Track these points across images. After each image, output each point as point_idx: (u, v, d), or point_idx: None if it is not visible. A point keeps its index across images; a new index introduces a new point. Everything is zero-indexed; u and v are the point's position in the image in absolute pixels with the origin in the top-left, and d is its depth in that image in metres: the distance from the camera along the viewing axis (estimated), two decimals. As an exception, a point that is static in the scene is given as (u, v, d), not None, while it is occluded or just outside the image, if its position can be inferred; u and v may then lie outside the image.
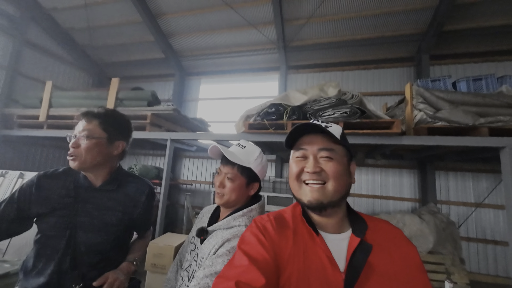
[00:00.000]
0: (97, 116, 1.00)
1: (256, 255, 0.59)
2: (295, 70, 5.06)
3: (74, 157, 0.95)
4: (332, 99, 2.58)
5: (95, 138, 0.97)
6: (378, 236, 0.64)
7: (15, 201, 0.95)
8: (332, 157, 0.64)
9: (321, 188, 0.62)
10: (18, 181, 3.06)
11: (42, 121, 3.79)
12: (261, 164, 0.94)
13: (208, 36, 4.91)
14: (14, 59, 4.40)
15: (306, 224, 0.65)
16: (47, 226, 0.94)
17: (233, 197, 0.89)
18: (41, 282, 0.91)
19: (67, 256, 0.94)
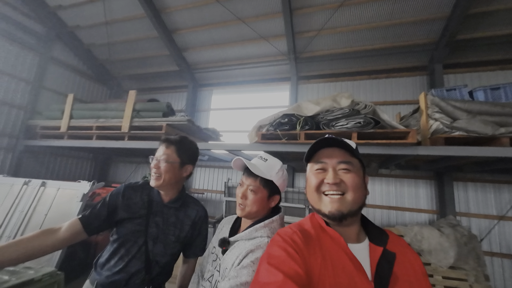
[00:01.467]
0: (173, 142, 1.19)
1: (288, 270, 0.56)
2: (306, 80, 5.12)
3: (157, 176, 1.14)
4: (345, 109, 2.59)
5: (172, 162, 1.15)
6: (394, 245, 0.67)
7: (107, 205, 1.13)
8: (350, 169, 0.68)
9: (341, 199, 0.65)
10: (40, 189, 3.19)
11: (63, 131, 3.98)
12: (282, 177, 0.97)
13: (221, 49, 5.07)
14: (39, 74, 4.69)
15: (330, 234, 0.66)
16: (125, 230, 1.11)
17: (255, 209, 0.92)
18: (110, 276, 1.06)
19: (138, 259, 1.09)
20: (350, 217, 0.65)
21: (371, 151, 2.63)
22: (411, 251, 0.69)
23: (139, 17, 4.65)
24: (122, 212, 1.13)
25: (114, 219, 1.13)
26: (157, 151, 1.20)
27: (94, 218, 1.09)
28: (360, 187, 0.67)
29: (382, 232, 0.69)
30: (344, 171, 0.67)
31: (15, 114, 4.38)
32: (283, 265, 0.57)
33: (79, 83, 5.54)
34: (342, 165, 0.68)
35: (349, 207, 0.64)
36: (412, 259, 0.67)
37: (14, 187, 3.29)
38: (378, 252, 0.63)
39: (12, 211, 3.10)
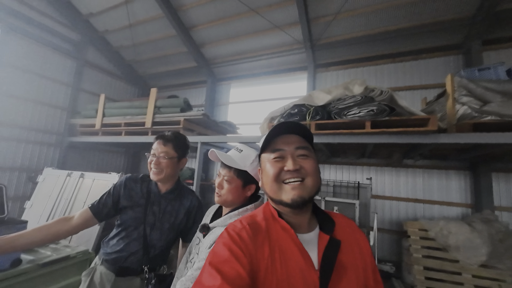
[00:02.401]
0: (170, 140, 1.30)
1: (229, 272, 0.54)
2: (324, 68, 4.92)
3: (158, 171, 1.25)
4: (358, 97, 2.47)
5: (171, 158, 1.28)
6: (342, 231, 0.68)
7: (111, 194, 1.29)
8: (308, 155, 0.67)
9: (301, 185, 0.64)
10: (80, 180, 3.63)
11: (97, 129, 4.42)
12: (257, 167, 0.96)
13: (236, 42, 5.10)
14: (77, 77, 5.23)
15: (282, 226, 0.65)
16: (127, 216, 1.28)
17: (230, 198, 0.97)
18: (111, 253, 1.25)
19: (137, 241, 1.25)
20: (309, 203, 0.66)
21: (386, 141, 2.48)
22: (360, 232, 0.71)
23: (159, 17, 4.87)
24: (124, 201, 1.28)
25: (118, 207, 1.29)
26: (154, 147, 1.30)
27: (102, 206, 1.25)
28: (317, 171, 0.67)
29: (330, 219, 0.69)
30: (302, 157, 0.67)
31: (60, 114, 4.97)
32: (224, 266, 0.55)
33: (110, 84, 6.05)
34: (300, 150, 0.67)
35: (309, 193, 0.64)
36: (360, 241, 0.68)
37: (60, 178, 3.79)
38: (325, 240, 0.63)
39: (59, 198, 3.59)
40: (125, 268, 1.23)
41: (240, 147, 1.03)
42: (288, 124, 0.69)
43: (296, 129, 0.69)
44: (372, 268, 0.65)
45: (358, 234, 0.71)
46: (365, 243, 0.69)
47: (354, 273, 0.61)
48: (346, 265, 0.61)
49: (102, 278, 1.23)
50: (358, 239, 0.69)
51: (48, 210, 3.52)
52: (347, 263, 0.61)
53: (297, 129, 0.69)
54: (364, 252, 0.67)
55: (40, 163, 4.61)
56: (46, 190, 3.74)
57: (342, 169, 4.35)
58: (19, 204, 4.13)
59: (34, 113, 4.57)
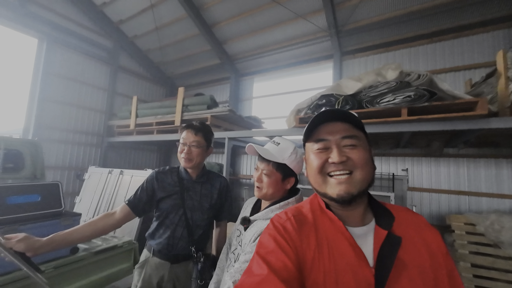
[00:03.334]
0: (200, 130, 1.37)
1: (275, 262, 0.54)
2: (351, 55, 4.67)
3: (189, 159, 1.34)
4: (392, 82, 2.31)
5: (201, 147, 1.35)
6: (404, 227, 0.60)
7: (145, 189, 1.36)
8: (357, 144, 0.60)
9: (349, 179, 0.58)
10: (120, 177, 3.94)
11: (132, 129, 4.73)
12: (296, 160, 0.98)
13: (258, 35, 5.05)
14: (112, 81, 5.62)
15: (329, 218, 0.62)
16: (166, 205, 1.35)
17: (270, 191, 0.97)
18: (161, 242, 1.33)
19: (180, 226, 1.34)
20: (359, 197, 0.59)
21: (426, 128, 2.30)
22: (430, 229, 0.62)
23: (182, 18, 5.01)
24: (160, 192, 1.35)
25: (154, 199, 1.36)
26: (185, 137, 1.36)
27: (137, 202, 1.32)
28: (369, 162, 0.60)
29: (388, 213, 0.62)
30: (349, 147, 0.60)
31: (99, 117, 5.41)
32: (270, 256, 0.56)
33: (141, 86, 6.42)
34: (346, 140, 0.60)
35: (358, 187, 0.58)
36: (429, 239, 0.60)
37: (102, 175, 4.15)
38: (382, 236, 0.57)
39: (103, 193, 3.94)
40: (178, 256, 1.32)
41: (277, 140, 1.02)
42: (333, 112, 0.62)
43: (342, 116, 0.63)
44: (448, 272, 0.56)
45: (428, 232, 0.61)
46: (438, 242, 0.60)
47: (419, 275, 0.54)
48: (408, 264, 0.54)
49: (158, 268, 1.32)
50: (426, 237, 0.60)
51: (94, 204, 3.89)
52: (410, 262, 0.55)
53: (344, 116, 0.63)
54: (436, 253, 0.58)
55: (85, 162, 5.08)
56: (91, 187, 4.12)
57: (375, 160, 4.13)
58: (70, 199, 4.61)
59: (77, 116, 5.03)
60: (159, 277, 1.31)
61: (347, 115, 0.62)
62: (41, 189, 2.05)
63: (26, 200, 1.90)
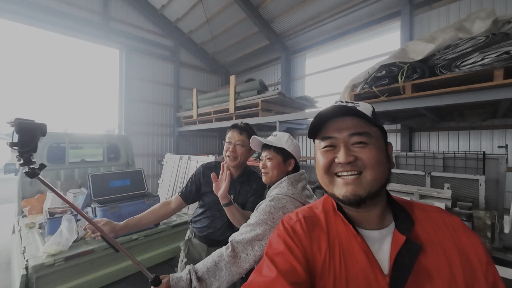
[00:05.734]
0: (245, 130, 1.43)
1: (284, 265, 0.53)
2: (426, 6, 3.77)
3: (234, 158, 1.40)
4: (480, 37, 1.79)
5: (245, 146, 1.40)
6: (429, 231, 0.54)
7: (194, 182, 1.51)
8: (367, 142, 0.54)
9: (357, 179, 0.53)
10: (188, 162, 4.53)
11: (194, 119, 5.28)
12: (292, 144, 1.13)
13: (307, 6, 4.63)
14: (176, 77, 6.31)
15: (342, 220, 0.58)
16: (208, 199, 1.47)
17: (275, 173, 1.10)
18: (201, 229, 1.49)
19: (220, 219, 1.45)
20: (370, 199, 0.53)
21: (536, 93, 1.72)
22: (467, 233, 0.54)
23: (229, 4, 5.05)
24: (205, 187, 1.48)
25: (200, 192, 1.51)
26: (230, 136, 1.42)
27: (188, 193, 1.48)
28: (382, 161, 0.54)
29: (408, 216, 0.56)
30: (359, 146, 0.54)
31: (169, 110, 6.25)
32: (279, 258, 0.55)
33: (200, 77, 6.98)
34: (355, 137, 0.55)
35: (368, 189, 0.53)
36: (464, 245, 0.52)
37: (175, 161, 4.86)
38: (400, 241, 0.51)
39: (177, 176, 4.64)
40: (214, 241, 1.48)
41: (275, 133, 1.20)
42: (339, 107, 0.56)
43: (351, 111, 0.56)
44: (489, 284, 0.49)
45: (464, 237, 0.54)
46: (476, 249, 0.52)
47: (446, 286, 0.48)
48: (431, 273, 0.49)
49: (198, 248, 1.51)
50: (461, 243, 0.53)
51: (172, 185, 4.64)
52: (434, 271, 0.49)
53: (353, 111, 0.56)
54: (472, 261, 0.51)
55: (163, 150, 6.05)
56: (169, 170, 4.90)
57: (458, 136, 3.40)
58: (155, 180, 5.63)
59: (153, 111, 5.94)
60: (198, 255, 1.49)
61: (356, 111, 0.55)
62: (130, 175, 2.60)
63: (121, 183, 2.46)
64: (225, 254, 0.87)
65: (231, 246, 0.88)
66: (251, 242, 0.87)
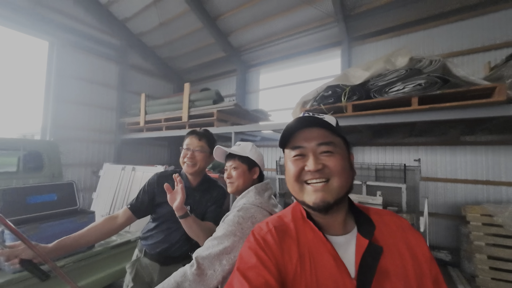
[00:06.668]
0: (204, 135, 1.37)
1: (256, 278, 0.53)
2: (360, 41, 4.46)
3: (192, 164, 1.32)
4: (401, 70, 2.20)
5: (205, 152, 1.34)
6: (386, 234, 0.59)
7: (146, 192, 1.36)
8: (333, 151, 0.59)
9: (325, 186, 0.57)
10: (132, 173, 4.07)
11: (142, 126, 4.85)
12: (256, 153, 1.15)
13: (263, 25, 4.92)
14: (121, 79, 5.73)
15: (310, 228, 0.61)
16: (164, 211, 1.33)
17: (241, 182, 1.08)
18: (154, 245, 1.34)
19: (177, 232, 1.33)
20: (336, 205, 0.58)
21: (438, 117, 2.19)
22: (414, 234, 0.61)
23: (185, 12, 4.95)
24: (160, 197, 1.33)
25: (154, 203, 1.36)
26: (188, 142, 1.35)
27: (139, 205, 1.32)
28: (346, 169, 0.59)
29: (369, 220, 0.61)
30: (326, 154, 0.59)
31: (110, 115, 5.57)
32: (250, 272, 0.55)
33: (150, 82, 6.51)
34: (322, 147, 0.59)
35: (335, 195, 0.57)
36: (412, 244, 0.58)
37: (116, 172, 4.31)
38: (363, 245, 0.56)
39: (118, 189, 4.10)
40: (169, 258, 1.34)
41: (238, 143, 1.21)
42: (307, 119, 0.61)
43: (318, 122, 0.61)
44: (432, 278, 0.55)
45: (412, 236, 0.60)
46: (421, 247, 0.58)
47: (402, 283, 0.53)
48: (390, 273, 0.54)
49: (148, 268, 1.33)
50: (410, 242, 0.59)
51: (110, 200, 4.07)
52: (392, 272, 0.54)
53: (319, 122, 0.61)
54: (419, 259, 0.57)
55: (100, 159, 5.29)
56: (107, 183, 4.30)
57: (386, 151, 4.02)
58: (88, 194, 4.85)
59: (90, 115, 5.20)
60: (149, 277, 1.33)
61: (323, 122, 0.60)
62: (57, 188, 2.16)
63: (43, 199, 2.02)
64: (189, 272, 0.79)
65: (196, 263, 0.80)
66: (219, 256, 0.81)
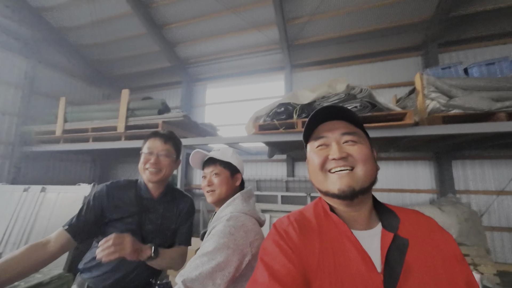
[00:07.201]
0: (170, 138, 1.19)
1: (278, 268, 0.53)
2: (300, 68, 5.06)
3: (156, 171, 1.11)
4: (341, 94, 2.58)
5: (171, 157, 1.16)
6: (412, 229, 0.58)
7: (92, 208, 1.07)
8: (357, 140, 0.60)
9: (350, 173, 0.57)
10: (41, 195, 3.18)
11: (58, 136, 3.94)
12: (237, 159, 1.08)
13: (212, 41, 4.98)
14: (29, 78, 4.60)
15: (334, 221, 0.60)
16: (116, 230, 1.00)
17: (224, 189, 0.99)
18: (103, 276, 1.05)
19: None
20: (361, 194, 0.57)
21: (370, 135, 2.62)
22: (443, 232, 0.59)
23: (127, 14, 4.53)
24: (111, 213, 1.08)
25: (102, 221, 1.08)
26: (150, 145, 1.15)
27: (82, 225, 1.03)
28: (370, 159, 0.59)
29: (393, 215, 0.61)
30: (350, 143, 0.59)
31: (8, 121, 4.32)
32: (273, 262, 0.54)
33: (71, 86, 5.46)
34: (346, 136, 0.60)
35: (360, 183, 0.56)
36: (441, 242, 0.57)
37: (14, 195, 3.28)
38: (389, 238, 0.55)
39: (15, 218, 3.10)
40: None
41: (217, 148, 1.14)
42: (330, 110, 0.62)
43: (340, 114, 0.62)
44: (465, 280, 0.52)
45: (441, 236, 0.58)
46: (452, 247, 0.57)
47: (432, 279, 0.51)
48: (419, 268, 0.52)
49: None
50: (439, 241, 0.57)
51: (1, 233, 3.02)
52: (421, 266, 0.52)
53: (342, 114, 0.62)
54: (450, 258, 0.54)
55: (-14, 179, 3.94)
56: (-3, 210, 3.20)
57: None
58: (-40, 229, 3.46)
59: (-25, 120, 3.90)
60: None
61: (344, 111, 0.62)
62: None
63: None
64: None
65: None
66: (211, 275, 0.69)
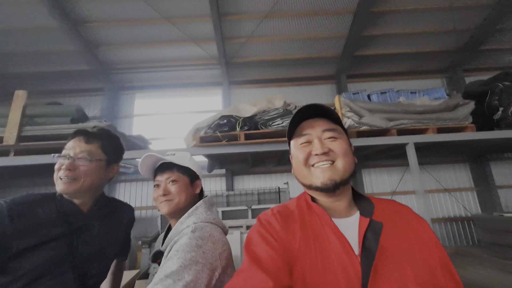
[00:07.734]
0: (97, 137, 0.97)
1: (261, 255, 0.56)
2: (238, 85, 5.26)
3: (70, 180, 0.87)
4: (280, 109, 2.80)
5: (96, 160, 0.93)
6: (387, 214, 0.63)
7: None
8: (337, 136, 0.66)
9: (331, 167, 0.62)
10: None
11: None
12: (196, 164, 1.02)
13: (144, 48, 4.60)
14: None
15: (315, 211, 0.64)
16: (36, 261, 0.79)
17: (183, 198, 0.90)
18: None
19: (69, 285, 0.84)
20: (342, 185, 0.62)
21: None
22: (418, 218, 0.65)
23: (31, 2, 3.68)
24: (20, 239, 0.80)
25: (5, 253, 0.78)
26: (68, 147, 0.93)
27: None
28: (349, 153, 0.65)
29: (369, 202, 0.67)
30: (330, 139, 0.65)
31: None
32: (257, 250, 0.58)
33: None
34: (327, 133, 0.66)
35: (341, 175, 0.62)
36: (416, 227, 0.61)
37: None
38: (365, 223, 0.59)
39: None
40: None
41: (171, 152, 1.02)
42: (311, 107, 0.68)
43: (321, 113, 0.69)
44: (441, 263, 0.55)
45: (416, 221, 0.63)
46: (427, 232, 0.61)
47: (407, 261, 0.54)
48: (392, 249, 0.56)
49: None
50: (414, 225, 0.62)
51: None
52: (396, 249, 0.56)
53: (322, 112, 0.69)
54: (426, 242, 0.58)
55: None
56: None
57: (260, 178, 4.69)
58: None
59: None
60: None
61: (326, 110, 0.69)
62: None
63: None
64: None
65: None
66: None
